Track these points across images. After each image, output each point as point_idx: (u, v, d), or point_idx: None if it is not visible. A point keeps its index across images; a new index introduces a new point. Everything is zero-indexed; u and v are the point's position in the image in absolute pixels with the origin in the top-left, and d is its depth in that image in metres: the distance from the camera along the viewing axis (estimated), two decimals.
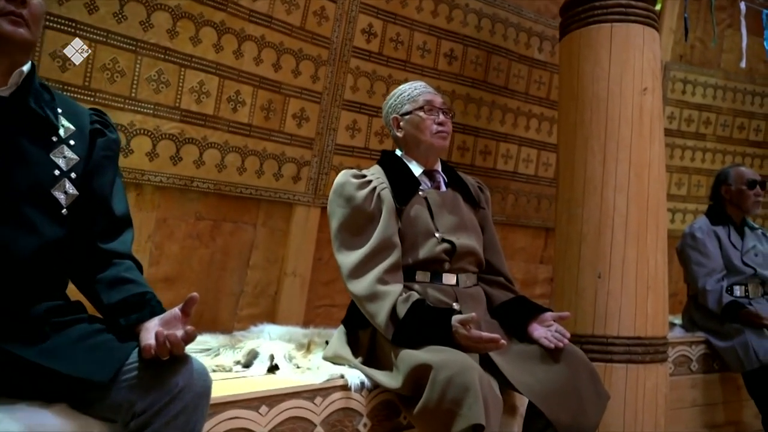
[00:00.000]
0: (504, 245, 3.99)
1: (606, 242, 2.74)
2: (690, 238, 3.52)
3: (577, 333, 2.75)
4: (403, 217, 2.18)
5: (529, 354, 2.12)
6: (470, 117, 3.65)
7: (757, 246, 3.58)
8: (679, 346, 3.27)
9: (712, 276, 3.41)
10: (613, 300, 2.70)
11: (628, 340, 2.69)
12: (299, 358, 2.18)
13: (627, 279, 2.71)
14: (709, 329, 3.41)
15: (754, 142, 5.02)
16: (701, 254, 3.46)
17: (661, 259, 2.79)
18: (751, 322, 3.22)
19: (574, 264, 2.81)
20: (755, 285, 3.52)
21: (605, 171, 2.78)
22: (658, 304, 2.76)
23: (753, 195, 3.50)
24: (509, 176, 3.87)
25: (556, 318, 2.20)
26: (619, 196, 2.75)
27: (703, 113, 4.76)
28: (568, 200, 2.88)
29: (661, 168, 2.85)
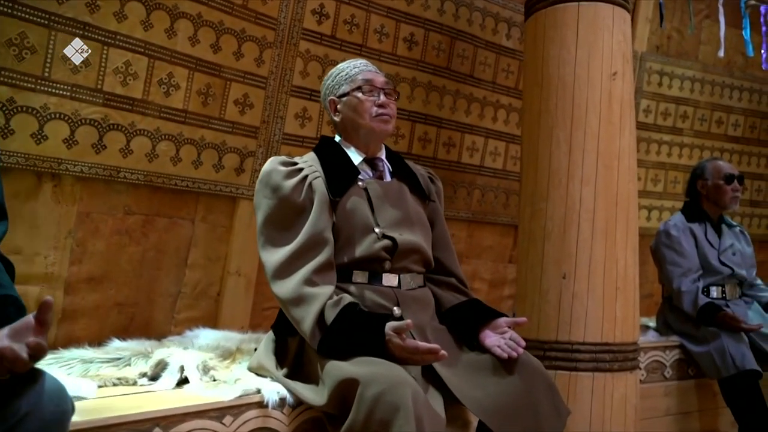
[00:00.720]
0: (470, 244, 3.75)
1: (571, 240, 2.48)
2: (664, 235, 3.28)
3: (540, 339, 2.50)
4: (338, 210, 1.91)
5: (480, 365, 1.86)
6: (432, 106, 3.38)
7: (734, 244, 3.34)
8: (652, 351, 3.03)
9: (688, 276, 3.17)
10: (578, 302, 2.45)
11: (595, 347, 2.44)
12: (221, 369, 1.91)
13: (594, 280, 2.46)
14: (684, 333, 3.17)
15: (732, 137, 4.79)
16: (676, 253, 3.21)
17: (631, 258, 2.54)
18: (728, 326, 2.98)
19: (537, 263, 2.55)
20: (733, 286, 3.28)
21: (571, 162, 2.53)
22: (628, 307, 2.51)
23: (730, 190, 3.26)
24: (475, 170, 3.61)
25: (512, 324, 1.95)
26: (586, 189, 2.50)
27: (680, 107, 4.53)
28: (532, 194, 2.62)
29: (631, 159, 2.60)
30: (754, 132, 4.87)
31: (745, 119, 4.82)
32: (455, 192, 3.56)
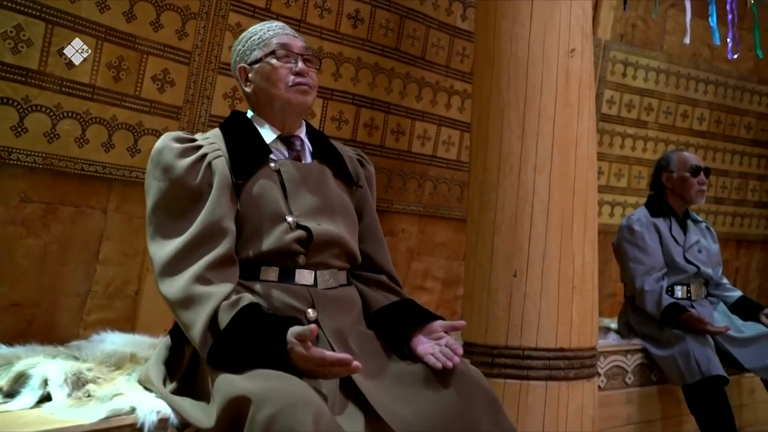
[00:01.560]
0: (422, 240, 3.45)
1: (523, 233, 2.20)
2: (627, 231, 3.02)
3: (488, 343, 2.22)
4: (243, 196, 1.60)
5: (410, 376, 1.57)
6: (380, 90, 3.08)
7: (700, 241, 3.10)
8: (612, 355, 2.76)
9: (651, 274, 2.91)
10: (531, 304, 2.16)
11: (549, 353, 2.16)
12: (104, 381, 1.58)
13: (548, 278, 2.18)
14: (647, 335, 2.91)
15: (697, 131, 4.57)
16: (639, 250, 2.95)
17: (590, 254, 2.27)
18: (693, 328, 2.73)
19: (486, 260, 2.26)
20: (698, 285, 3.04)
21: (524, 147, 2.24)
22: (586, 308, 2.23)
23: (697, 183, 3.01)
24: (427, 160, 3.32)
25: (448, 328, 1.65)
26: (540, 177, 2.22)
27: (644, 98, 4.29)
28: (481, 183, 2.33)
29: (591, 145, 2.33)
30: (719, 126, 4.65)
31: (711, 113, 4.59)
32: (405, 183, 3.26)
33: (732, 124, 4.71)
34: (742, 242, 5.00)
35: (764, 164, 4.92)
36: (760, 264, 5.09)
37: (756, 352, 2.90)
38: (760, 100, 4.80)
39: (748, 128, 4.79)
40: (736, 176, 4.80)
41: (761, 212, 4.98)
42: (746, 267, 5.05)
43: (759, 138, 4.86)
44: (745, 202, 4.88)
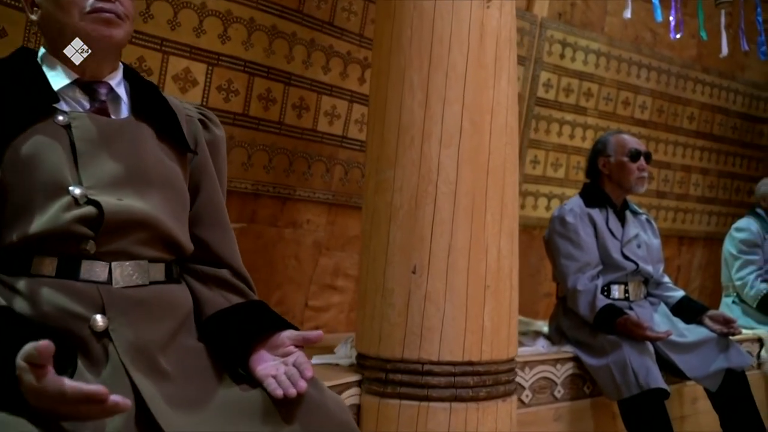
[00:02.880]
0: (332, 233, 2.99)
1: (425, 220, 1.77)
2: (558, 222, 2.61)
3: (381, 356, 1.77)
4: (7, 158, 1.13)
5: (242, 407, 1.13)
6: (279, 58, 2.62)
7: (640, 235, 2.72)
8: (539, 365, 2.35)
9: (585, 272, 2.51)
10: (432, 307, 1.73)
11: (454, 367, 1.73)
12: None
13: (454, 276, 1.75)
14: (580, 342, 2.51)
15: (639, 120, 4.22)
16: (572, 244, 2.56)
17: (507, 248, 1.85)
18: (630, 333, 2.34)
19: (381, 253, 1.82)
20: (637, 284, 2.66)
21: (428, 116, 1.81)
22: (501, 313, 1.81)
23: (636, 169, 2.63)
24: (336, 141, 2.87)
25: (299, 341, 1.21)
26: (447, 152, 1.79)
27: (584, 83, 3.92)
28: (377, 159, 1.90)
29: (510, 116, 1.91)
30: (662, 116, 4.32)
31: (653, 101, 4.26)
32: (310, 167, 2.80)
33: (675, 114, 4.38)
34: (684, 239, 4.69)
35: (707, 157, 4.62)
36: (702, 262, 4.79)
37: (699, 358, 2.54)
38: (703, 89, 4.49)
39: (691, 119, 4.48)
40: (679, 169, 4.48)
41: (704, 208, 4.67)
42: (688, 265, 4.74)
43: (702, 130, 4.55)
44: (688, 197, 4.57)
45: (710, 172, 4.64)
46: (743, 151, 4.80)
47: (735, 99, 4.68)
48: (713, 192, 4.69)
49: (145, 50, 2.30)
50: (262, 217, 2.77)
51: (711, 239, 4.72)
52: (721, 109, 4.61)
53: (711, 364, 2.53)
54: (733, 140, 4.71)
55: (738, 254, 3.54)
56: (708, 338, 2.57)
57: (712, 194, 4.68)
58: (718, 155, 4.66)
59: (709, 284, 4.77)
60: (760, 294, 3.40)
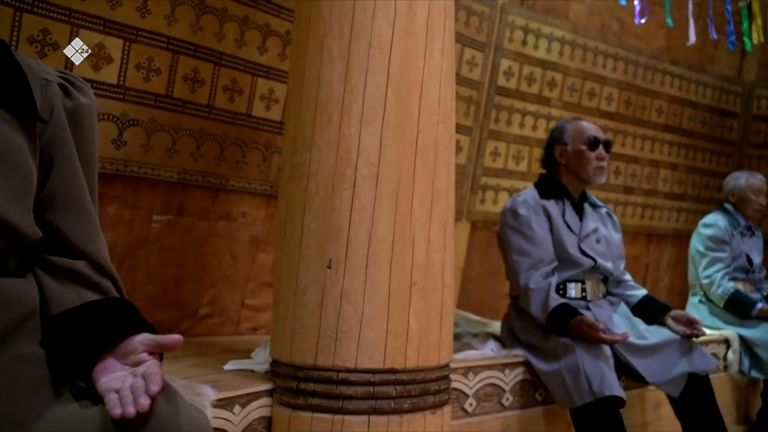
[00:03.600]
0: (271, 226, 2.74)
1: (343, 208, 1.53)
2: (510, 215, 2.39)
3: (294, 362, 1.53)
4: None
5: (76, 429, 0.89)
6: (207, 35, 2.37)
7: (599, 229, 2.50)
8: (485, 371, 2.12)
9: (539, 269, 2.29)
10: (349, 306, 1.50)
11: (374, 375, 1.50)
12: None
13: (375, 271, 1.51)
14: (532, 345, 2.29)
15: (606, 112, 4.02)
16: (525, 238, 2.34)
17: (438, 240, 1.62)
18: (584, 335, 2.12)
19: (295, 245, 1.59)
20: (595, 282, 2.45)
21: (348, 90, 1.57)
22: (431, 314, 1.58)
23: (595, 158, 2.42)
24: (275, 128, 2.62)
25: (153, 346, 0.97)
26: (369, 130, 1.55)
27: (547, 72, 3.71)
28: (293, 141, 1.66)
29: (445, 90, 1.68)
30: (629, 108, 4.12)
31: (620, 93, 4.06)
32: (244, 156, 2.55)
33: (642, 107, 4.19)
34: (652, 236, 4.50)
35: (676, 152, 4.43)
36: (671, 260, 4.60)
37: (660, 362, 2.33)
38: (671, 82, 4.30)
39: (660, 112, 4.29)
40: (647, 164, 4.29)
41: (672, 204, 4.49)
42: (656, 263, 4.55)
43: (671, 123, 4.36)
44: (656, 193, 4.38)
45: (679, 167, 4.46)
46: (713, 146, 4.62)
47: (704, 92, 4.50)
48: (682, 188, 4.50)
49: (50, 21, 2.04)
50: (191, 209, 2.52)
51: (680, 237, 4.53)
52: (691, 102, 4.43)
53: (673, 368, 2.33)
54: (702, 135, 4.53)
55: (705, 251, 3.35)
56: (670, 340, 2.37)
57: (680, 190, 4.49)
58: (687, 150, 4.48)
59: (678, 283, 4.58)
60: (728, 293, 3.21)
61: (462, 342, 2.42)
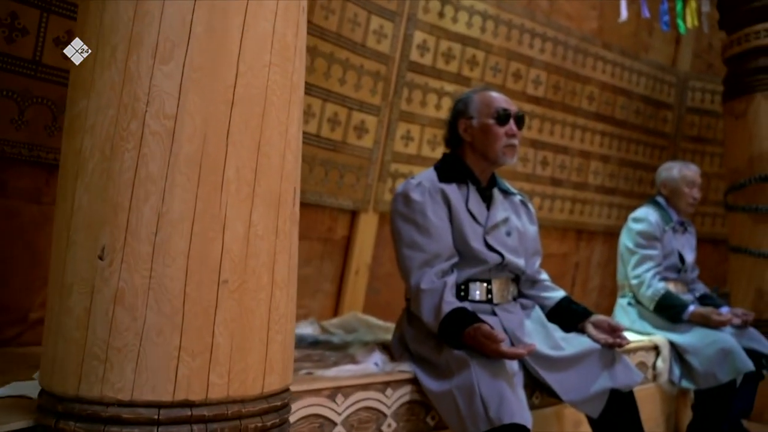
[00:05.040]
0: None
1: (123, 177, 1.09)
2: (401, 201, 1.98)
3: (53, 391, 1.08)
4: None
5: None
6: None
7: (511, 220, 2.11)
8: (359, 392, 1.70)
9: (433, 266, 1.88)
10: (126, 314, 1.05)
11: (160, 411, 1.05)
12: None
13: (165, 264, 1.07)
14: (423, 358, 1.88)
15: (532, 97, 3.67)
16: (418, 229, 1.92)
17: (267, 223, 1.18)
18: (480, 347, 1.71)
19: (64, 227, 1.13)
20: (504, 281, 2.05)
21: (138, 14, 1.12)
22: (252, 324, 1.14)
23: (504, 134, 2.02)
24: None
25: None
26: (165, 70, 1.11)
27: (467, 49, 3.33)
28: (73, 85, 1.20)
29: (285, 23, 1.24)
30: (557, 94, 3.78)
31: (548, 76, 3.72)
32: None
33: (573, 93, 3.86)
34: (582, 233, 4.17)
35: (608, 143, 4.13)
36: (602, 258, 4.29)
37: (578, 377, 1.95)
38: (603, 67, 3.99)
39: (591, 99, 3.97)
40: (577, 155, 3.97)
41: (603, 199, 4.17)
42: (586, 262, 4.23)
43: (603, 112, 4.05)
44: (586, 187, 4.06)
45: (611, 159, 4.15)
46: (646, 138, 4.33)
47: (638, 81, 4.20)
48: (614, 182, 4.19)
49: None
50: (17, 190, 2.04)
51: (611, 234, 4.21)
52: (624, 90, 4.12)
53: (592, 383, 1.95)
54: (635, 126, 4.24)
55: (635, 248, 3.02)
56: (590, 351, 2.00)
57: (612, 184, 4.19)
58: (619, 141, 4.17)
59: (609, 283, 4.26)
60: (658, 294, 2.88)
61: (344, 354, 2.00)
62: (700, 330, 2.79)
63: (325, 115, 2.83)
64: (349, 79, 2.90)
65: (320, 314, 3.04)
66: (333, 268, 3.07)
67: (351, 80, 2.91)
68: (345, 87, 2.90)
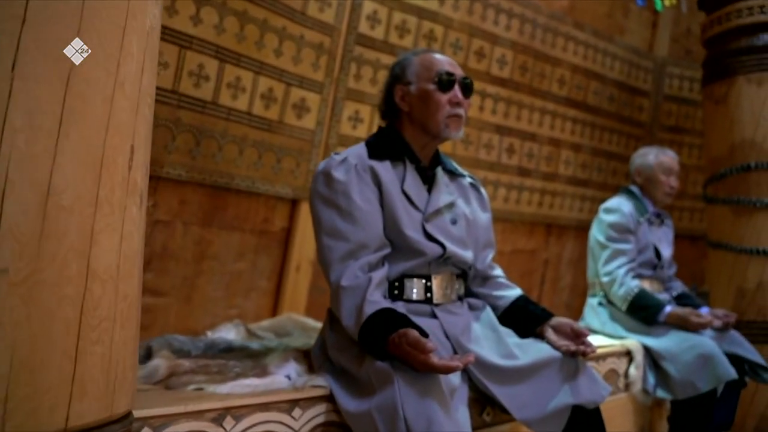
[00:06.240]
0: None
1: None
2: (322, 181, 1.65)
3: None
4: None
5: None
6: None
7: (458, 206, 1.79)
8: (258, 413, 1.36)
9: (359, 258, 1.56)
10: None
11: None
12: None
13: None
14: (343, 371, 1.55)
15: (497, 78, 3.36)
16: (341, 214, 1.60)
17: (81, 187, 0.84)
18: (406, 359, 1.38)
19: None
20: (446, 278, 1.73)
21: None
22: (51, 333, 0.80)
23: (447, 103, 1.70)
24: None
25: None
26: None
27: (424, 22, 3.01)
28: None
29: None
30: (525, 75, 3.48)
31: (515, 56, 3.41)
32: None
33: (542, 75, 3.56)
34: (552, 228, 3.88)
35: (580, 131, 3.83)
36: (573, 255, 3.99)
37: (534, 392, 1.63)
38: (575, 48, 3.69)
39: (562, 83, 3.67)
40: (546, 143, 3.66)
41: (575, 191, 3.88)
42: (556, 259, 3.93)
43: (574, 97, 3.75)
44: (557, 177, 3.76)
45: (583, 148, 3.85)
46: (621, 127, 4.04)
47: (612, 65, 3.91)
48: (586, 173, 3.90)
49: None
50: None
51: (584, 228, 3.90)
52: (597, 74, 3.83)
53: (550, 399, 1.64)
54: (609, 113, 3.95)
55: (606, 242, 2.72)
56: (548, 360, 1.68)
57: (585, 175, 3.89)
58: (592, 129, 3.88)
59: (581, 282, 3.96)
60: (631, 293, 2.59)
61: (255, 364, 1.66)
62: (678, 333, 2.50)
63: (257, 90, 2.50)
64: (286, 50, 2.57)
65: (256, 315, 2.71)
66: (270, 264, 2.74)
67: (289, 52, 2.58)
68: (282, 59, 2.56)
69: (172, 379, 1.48)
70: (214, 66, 2.36)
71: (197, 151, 2.37)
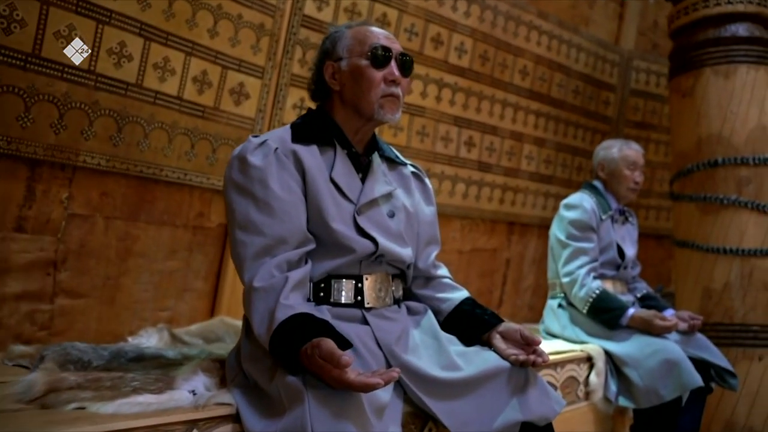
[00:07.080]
0: None
1: None
2: (237, 167, 1.43)
3: None
4: None
5: None
6: None
7: (396, 197, 1.59)
8: None
9: (275, 254, 1.35)
10: None
11: None
12: None
13: None
14: (255, 385, 1.34)
15: (455, 66, 3.17)
16: (257, 205, 1.38)
17: None
18: (322, 373, 1.17)
19: None
20: (381, 278, 1.53)
21: None
22: None
23: (382, 81, 1.49)
24: None
25: None
26: None
27: (377, 5, 2.80)
28: None
29: None
30: (486, 65, 3.29)
31: (475, 44, 3.22)
32: None
33: (503, 65, 3.37)
34: (514, 226, 3.69)
35: (543, 125, 3.66)
36: (536, 254, 3.81)
37: (478, 407, 1.44)
38: (539, 39, 3.52)
39: (524, 74, 3.49)
40: (508, 136, 3.48)
41: (539, 188, 3.70)
42: (519, 258, 3.75)
43: (537, 89, 3.58)
44: (519, 173, 3.58)
45: (547, 143, 3.68)
46: (586, 122, 3.88)
47: (578, 57, 3.75)
48: (550, 169, 3.73)
49: None
50: None
51: (547, 227, 3.73)
52: (561, 66, 3.66)
53: (496, 416, 1.44)
54: (574, 107, 3.78)
55: (567, 240, 2.54)
56: (495, 371, 1.48)
57: (548, 171, 3.72)
58: (556, 123, 3.70)
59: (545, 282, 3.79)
60: (592, 294, 2.41)
61: (160, 376, 1.44)
62: (641, 337, 2.33)
63: (189, 72, 2.27)
64: (222, 30, 2.34)
65: (191, 319, 2.48)
66: (207, 263, 2.50)
67: (225, 32, 2.35)
68: (217, 40, 2.34)
69: (50, 397, 1.25)
70: (138, 44, 2.13)
71: (119, 137, 2.13)
